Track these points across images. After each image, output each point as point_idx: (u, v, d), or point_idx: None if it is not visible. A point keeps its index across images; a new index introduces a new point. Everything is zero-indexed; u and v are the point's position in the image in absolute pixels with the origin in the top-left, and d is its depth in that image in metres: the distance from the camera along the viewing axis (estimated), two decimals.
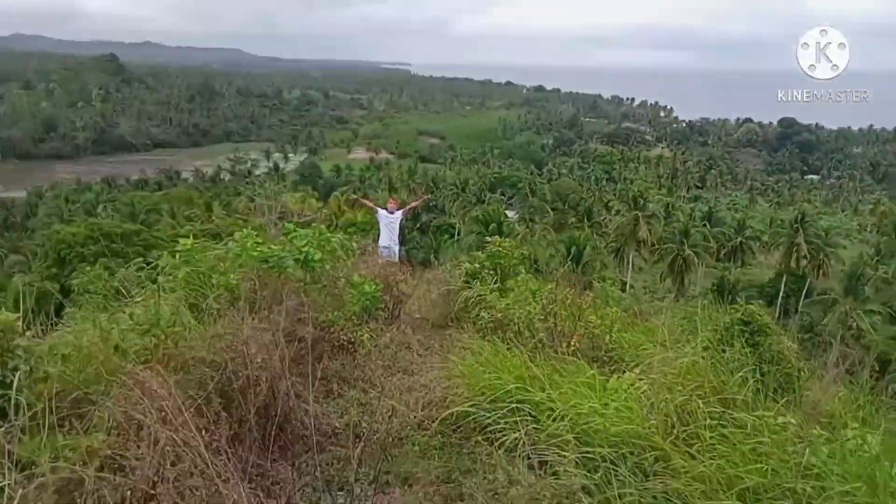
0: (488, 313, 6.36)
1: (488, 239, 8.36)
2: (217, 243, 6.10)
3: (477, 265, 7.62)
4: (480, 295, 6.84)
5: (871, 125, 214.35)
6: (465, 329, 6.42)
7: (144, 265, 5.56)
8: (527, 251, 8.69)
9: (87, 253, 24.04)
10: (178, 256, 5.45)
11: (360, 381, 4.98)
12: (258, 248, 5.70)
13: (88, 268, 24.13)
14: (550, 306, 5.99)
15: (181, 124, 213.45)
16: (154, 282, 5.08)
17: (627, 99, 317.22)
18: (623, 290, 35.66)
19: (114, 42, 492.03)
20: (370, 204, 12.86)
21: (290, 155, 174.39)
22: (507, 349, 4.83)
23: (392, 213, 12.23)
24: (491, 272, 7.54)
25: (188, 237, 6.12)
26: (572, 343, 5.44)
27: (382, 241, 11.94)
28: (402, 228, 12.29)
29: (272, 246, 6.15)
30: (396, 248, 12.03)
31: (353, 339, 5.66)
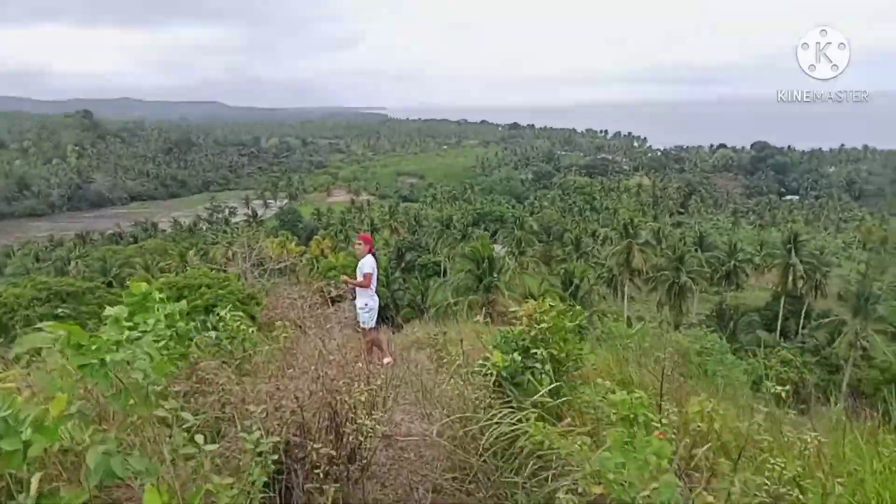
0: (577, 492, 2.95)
1: (525, 305, 4.74)
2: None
3: (514, 354, 4.21)
4: (537, 438, 3.39)
5: (842, 144, 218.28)
6: None
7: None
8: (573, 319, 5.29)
9: (32, 316, 21.65)
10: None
11: None
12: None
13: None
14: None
15: (158, 177, 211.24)
16: None
17: (601, 131, 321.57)
18: (628, 325, 33.73)
19: (91, 99, 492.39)
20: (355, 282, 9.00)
21: (269, 201, 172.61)
22: None
23: (358, 256, 9.14)
24: (537, 362, 4.19)
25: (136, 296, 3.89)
26: None
27: (359, 301, 8.82)
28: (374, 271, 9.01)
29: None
30: (364, 311, 8.79)
31: None
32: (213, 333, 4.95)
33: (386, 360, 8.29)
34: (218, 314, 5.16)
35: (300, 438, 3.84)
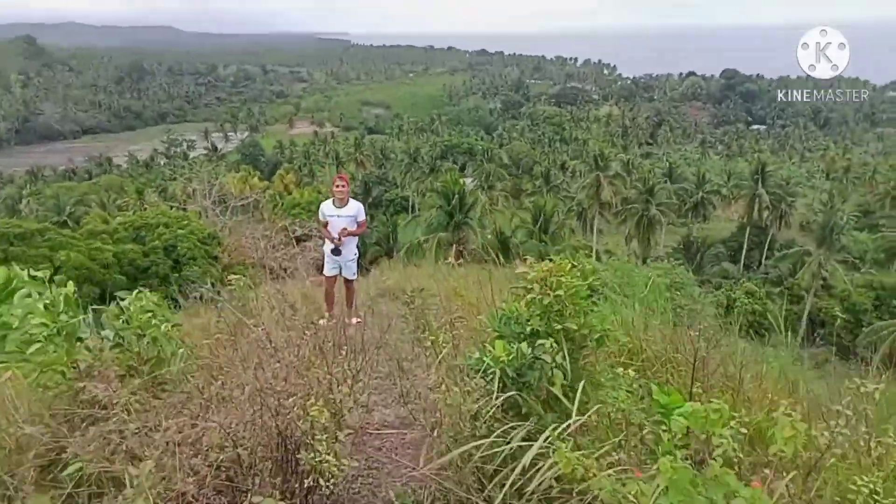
0: None
1: (525, 264, 3.52)
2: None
3: (521, 345, 3.15)
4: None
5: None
6: None
7: None
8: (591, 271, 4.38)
9: None
10: None
11: None
12: None
13: None
14: None
15: (111, 108, 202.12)
16: None
17: (570, 59, 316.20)
18: (598, 259, 33.51)
19: (33, 24, 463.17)
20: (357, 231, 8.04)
21: (229, 134, 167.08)
22: None
23: (341, 201, 7.85)
24: (550, 347, 3.15)
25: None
26: None
27: (349, 251, 8.01)
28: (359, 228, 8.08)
29: None
30: (354, 262, 8.07)
31: None
32: (108, 333, 3.88)
33: (354, 321, 7.47)
34: (120, 301, 4.14)
35: (238, 477, 3.03)
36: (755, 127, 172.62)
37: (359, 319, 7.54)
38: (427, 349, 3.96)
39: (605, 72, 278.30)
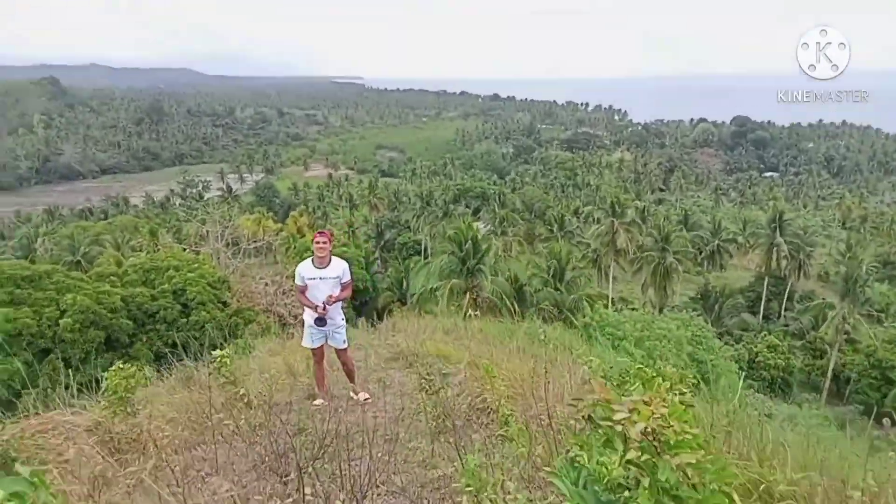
0: None
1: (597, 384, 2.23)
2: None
3: None
4: None
5: (821, 120, 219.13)
6: None
7: None
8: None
9: None
10: None
11: None
12: None
13: None
14: None
15: (130, 148, 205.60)
16: None
17: (581, 104, 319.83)
18: (613, 307, 32.75)
19: (56, 66, 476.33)
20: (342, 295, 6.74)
21: (245, 175, 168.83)
22: None
23: (322, 261, 6.55)
24: None
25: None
26: None
27: (337, 318, 6.73)
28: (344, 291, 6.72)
29: None
30: (342, 330, 6.77)
31: None
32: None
33: (362, 397, 6.58)
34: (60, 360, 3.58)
35: None
36: (768, 174, 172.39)
37: (367, 397, 6.63)
38: (453, 460, 3.27)
39: (616, 117, 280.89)
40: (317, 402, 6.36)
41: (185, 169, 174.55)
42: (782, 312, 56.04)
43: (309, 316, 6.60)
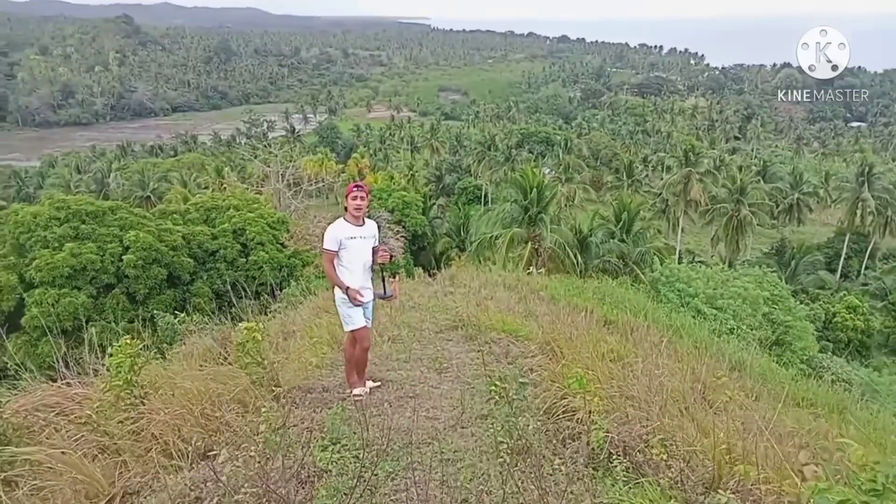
0: None
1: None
2: None
3: None
4: None
5: None
6: None
7: None
8: None
9: (50, 237, 20.19)
10: None
11: None
12: None
13: (50, 254, 20.52)
14: None
15: (199, 87, 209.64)
16: None
17: (655, 47, 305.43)
18: (680, 260, 30.91)
19: (130, 4, 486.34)
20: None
21: (309, 115, 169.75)
22: None
23: (358, 220, 5.23)
24: None
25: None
26: None
27: (369, 289, 5.36)
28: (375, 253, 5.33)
29: None
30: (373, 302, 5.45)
31: None
32: None
33: (355, 392, 5.21)
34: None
35: None
36: (855, 124, 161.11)
37: (377, 383, 5.52)
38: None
39: (692, 61, 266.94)
40: (357, 391, 5.21)
41: (250, 108, 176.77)
42: (862, 271, 52.75)
43: (344, 291, 5.12)
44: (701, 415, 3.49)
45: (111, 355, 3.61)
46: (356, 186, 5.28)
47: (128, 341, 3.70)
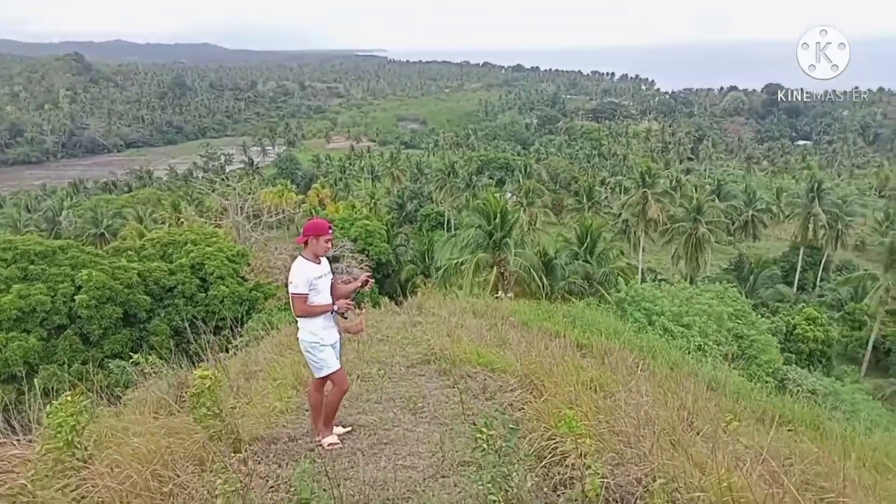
0: None
1: None
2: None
3: None
4: None
5: (856, 87, 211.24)
6: None
7: None
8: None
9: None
10: None
11: None
12: None
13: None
14: None
15: (154, 122, 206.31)
16: None
17: (607, 74, 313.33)
18: (643, 279, 31.21)
19: (81, 42, 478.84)
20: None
21: (267, 148, 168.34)
22: None
23: (316, 257, 4.77)
24: None
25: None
26: None
27: (323, 325, 4.80)
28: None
29: None
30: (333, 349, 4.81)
31: None
32: None
33: (327, 441, 4.72)
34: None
35: None
36: (801, 142, 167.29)
37: (334, 440, 4.80)
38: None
39: (643, 87, 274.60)
40: (329, 440, 4.73)
41: (207, 142, 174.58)
42: (817, 283, 54.25)
43: (323, 324, 4.74)
44: (693, 448, 3.29)
45: (49, 415, 3.23)
46: (331, 228, 4.93)
47: (69, 398, 3.31)
